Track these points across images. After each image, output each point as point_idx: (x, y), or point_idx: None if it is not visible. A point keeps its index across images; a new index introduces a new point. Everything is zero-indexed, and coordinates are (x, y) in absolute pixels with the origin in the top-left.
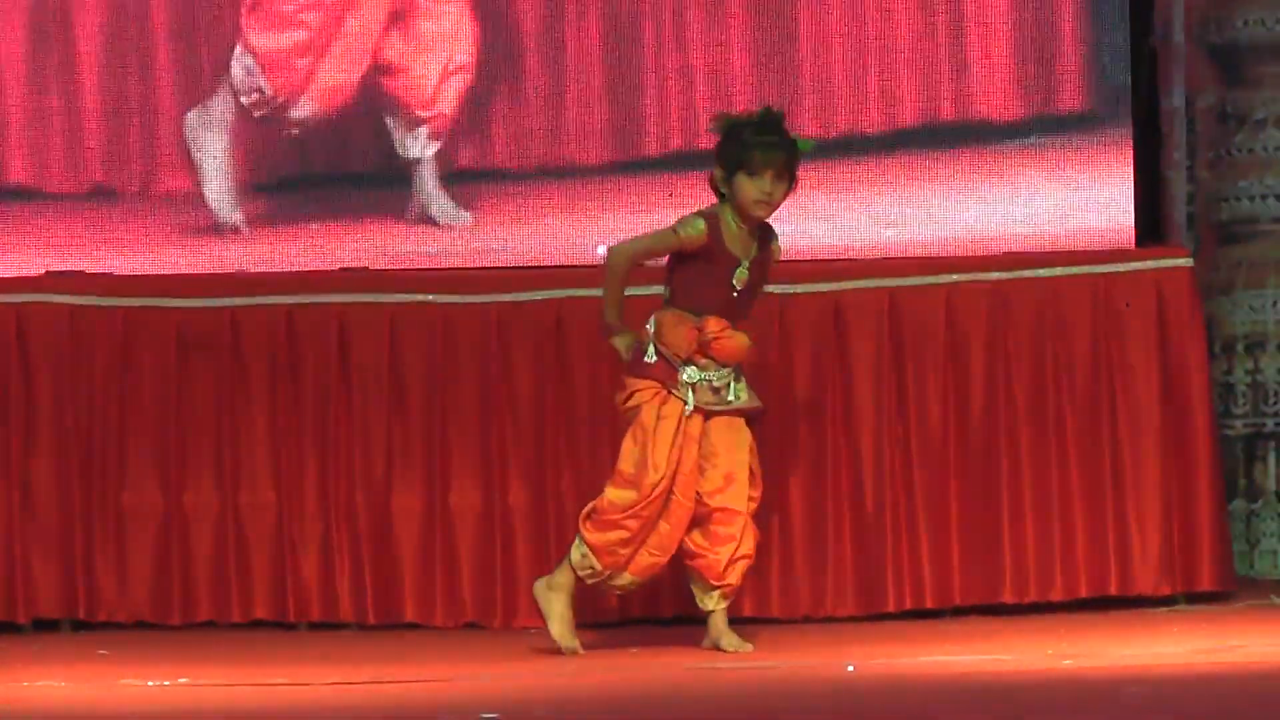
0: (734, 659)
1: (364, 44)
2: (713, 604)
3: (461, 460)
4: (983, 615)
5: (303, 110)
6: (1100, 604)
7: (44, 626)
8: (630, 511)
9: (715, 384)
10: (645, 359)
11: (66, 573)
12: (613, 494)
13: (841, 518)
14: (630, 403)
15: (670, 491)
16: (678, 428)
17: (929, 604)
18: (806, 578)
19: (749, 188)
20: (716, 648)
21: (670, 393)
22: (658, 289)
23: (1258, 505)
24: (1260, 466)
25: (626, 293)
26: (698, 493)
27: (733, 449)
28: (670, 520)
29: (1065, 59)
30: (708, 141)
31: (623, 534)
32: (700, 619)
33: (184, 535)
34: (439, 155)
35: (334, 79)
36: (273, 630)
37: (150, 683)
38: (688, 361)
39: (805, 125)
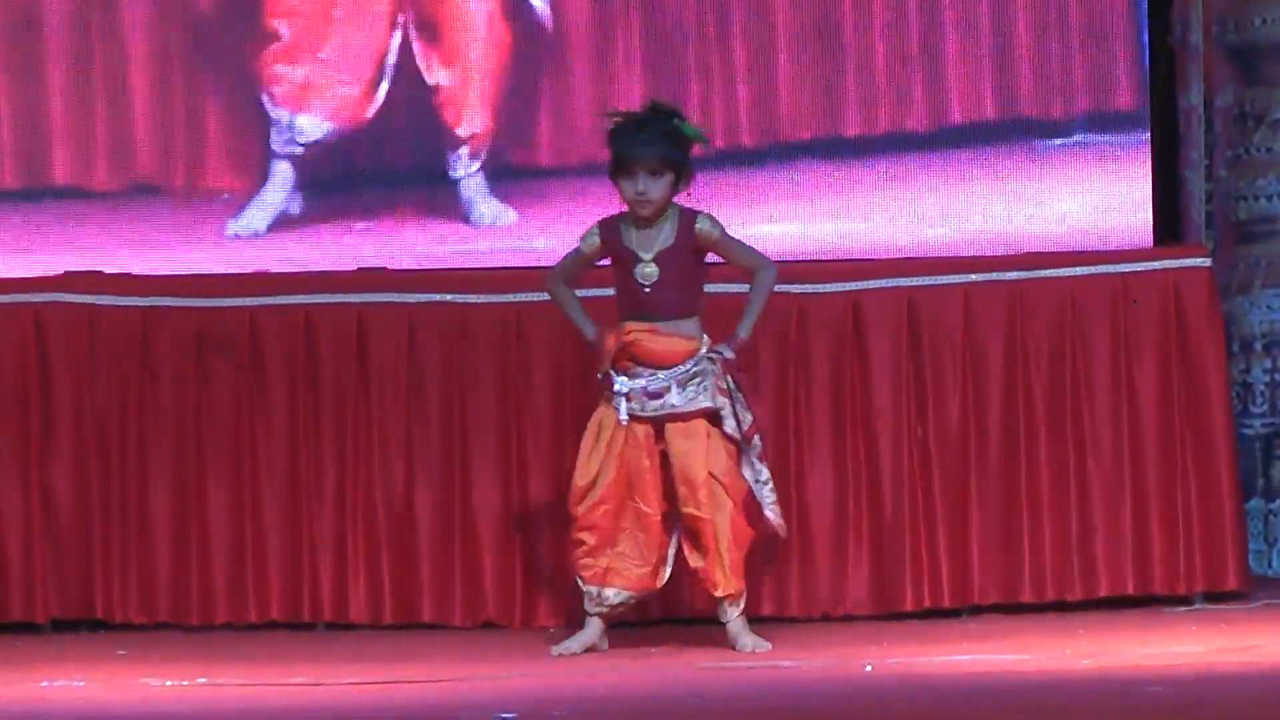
0: (752, 658)
1: (407, 49)
2: (725, 616)
3: (480, 460)
4: (1001, 614)
5: (347, 115)
6: (1119, 603)
7: (63, 627)
8: (578, 521)
9: (652, 389)
10: (599, 375)
11: (85, 573)
12: (568, 507)
13: (860, 517)
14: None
15: (633, 500)
16: (614, 437)
17: (947, 603)
18: (825, 577)
19: (625, 187)
20: (734, 648)
21: (610, 404)
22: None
23: (1276, 505)
24: (1278, 466)
25: None
26: (677, 504)
27: (687, 456)
28: (643, 530)
29: (1082, 59)
30: (751, 140)
31: (584, 546)
32: (719, 619)
33: (202, 535)
34: (483, 156)
35: (377, 84)
36: (290, 630)
37: (168, 682)
38: (620, 371)
39: (849, 122)
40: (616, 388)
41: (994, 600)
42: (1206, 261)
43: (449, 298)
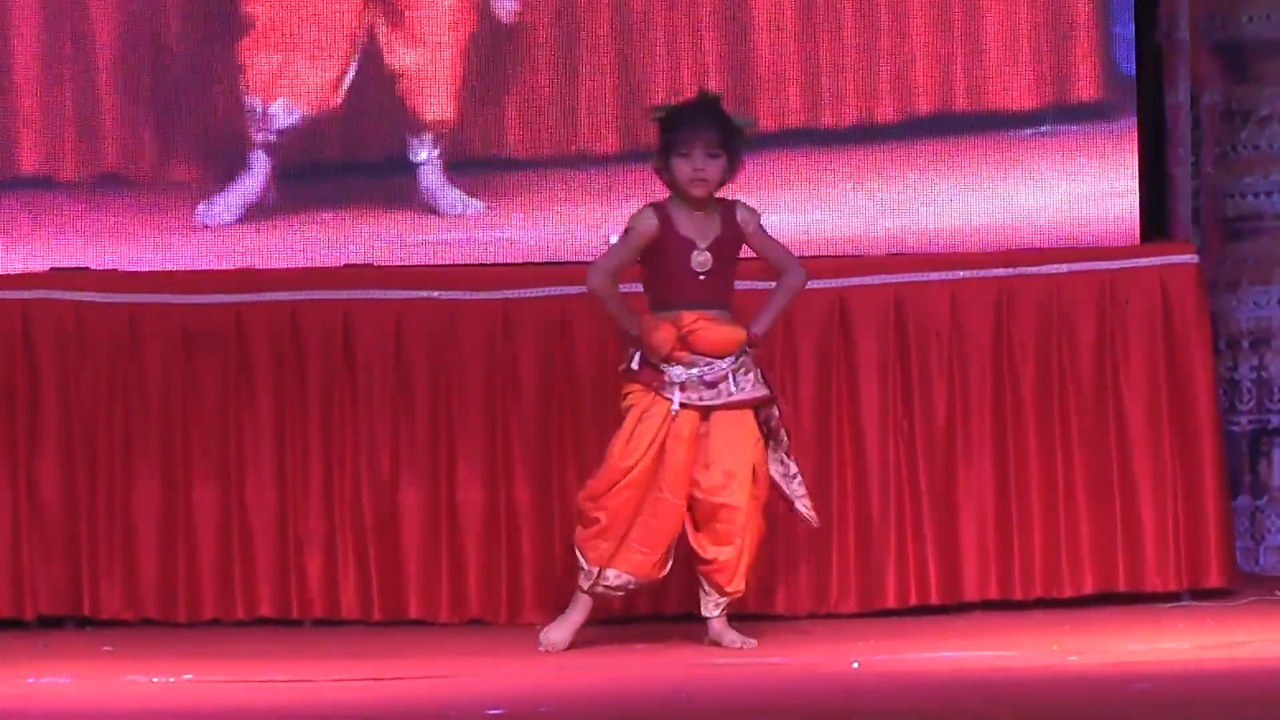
0: (739, 655)
1: (372, 37)
2: (709, 610)
3: (467, 457)
4: (988, 611)
5: (313, 105)
6: (1106, 600)
7: (49, 623)
8: (598, 501)
9: (709, 378)
10: (632, 366)
11: (71, 569)
12: (588, 485)
13: (846, 514)
14: (625, 403)
15: (656, 489)
16: (661, 426)
17: (934, 600)
18: (811, 574)
19: (682, 167)
20: (718, 645)
21: (659, 394)
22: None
23: (1263, 501)
24: (1265, 463)
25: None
26: (700, 490)
27: (733, 444)
28: (659, 518)
29: (1070, 54)
30: None
31: (597, 525)
32: (701, 613)
33: (189, 532)
34: (449, 144)
35: (342, 73)
36: (277, 627)
37: (155, 679)
38: (671, 361)
39: (827, 113)
40: (671, 378)
41: (981, 597)
42: (1193, 258)
43: (436, 294)
